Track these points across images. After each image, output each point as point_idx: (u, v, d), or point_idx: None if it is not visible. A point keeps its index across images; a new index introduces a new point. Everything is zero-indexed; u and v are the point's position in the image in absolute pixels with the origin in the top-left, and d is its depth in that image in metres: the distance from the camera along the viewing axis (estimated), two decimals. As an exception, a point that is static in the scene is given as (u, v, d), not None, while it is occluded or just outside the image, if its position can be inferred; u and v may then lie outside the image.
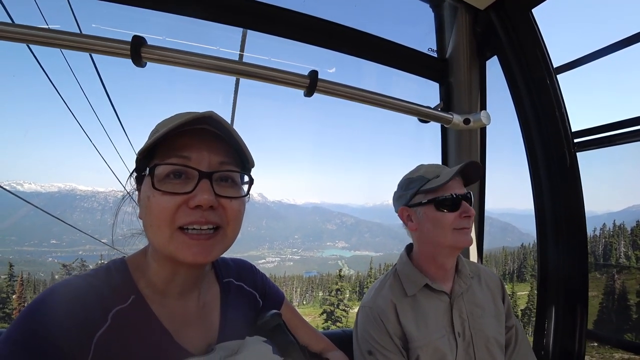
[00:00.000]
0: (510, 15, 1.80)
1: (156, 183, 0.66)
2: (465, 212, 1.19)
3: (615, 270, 48.66)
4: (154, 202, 0.65)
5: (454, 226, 1.19)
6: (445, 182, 1.19)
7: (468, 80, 2.03)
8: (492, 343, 1.21)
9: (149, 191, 0.67)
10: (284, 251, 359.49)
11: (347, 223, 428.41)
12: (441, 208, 1.21)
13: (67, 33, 1.21)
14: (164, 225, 0.65)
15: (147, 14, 1.50)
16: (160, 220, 0.65)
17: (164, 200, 0.65)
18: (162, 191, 0.65)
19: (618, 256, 63.01)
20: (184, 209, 0.65)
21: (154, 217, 0.65)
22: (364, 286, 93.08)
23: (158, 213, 0.65)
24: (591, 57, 1.63)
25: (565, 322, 1.78)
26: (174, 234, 0.65)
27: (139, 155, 0.70)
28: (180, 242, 0.65)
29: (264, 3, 1.71)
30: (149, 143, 0.66)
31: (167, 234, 0.65)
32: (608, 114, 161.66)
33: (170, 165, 0.66)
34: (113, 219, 0.80)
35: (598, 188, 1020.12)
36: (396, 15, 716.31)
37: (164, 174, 0.67)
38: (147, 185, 0.67)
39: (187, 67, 1.39)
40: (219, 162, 0.70)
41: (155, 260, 0.73)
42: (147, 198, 0.67)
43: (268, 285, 1.02)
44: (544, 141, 1.81)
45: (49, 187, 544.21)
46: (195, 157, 0.68)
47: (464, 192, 1.23)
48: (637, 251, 60.04)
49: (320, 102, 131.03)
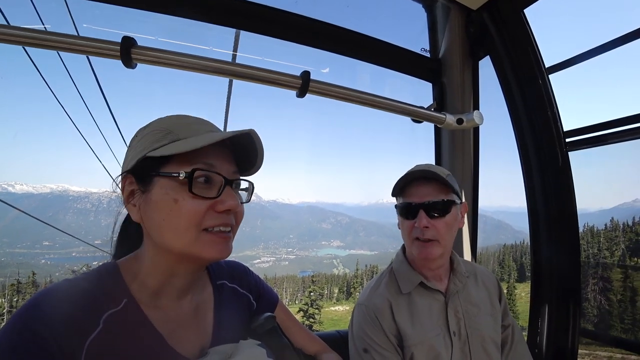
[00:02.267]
0: (503, 15, 1.82)
1: (193, 188, 0.68)
2: (417, 222, 1.16)
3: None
4: (184, 205, 0.67)
5: (413, 235, 1.19)
6: (402, 188, 1.23)
7: (461, 80, 2.04)
8: (488, 342, 1.22)
9: (175, 194, 0.67)
10: (279, 251, 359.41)
11: (342, 222, 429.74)
12: (402, 214, 1.23)
13: (57, 34, 1.20)
14: (192, 227, 0.68)
15: (138, 14, 1.49)
16: (189, 222, 0.67)
17: (196, 204, 0.67)
18: (194, 194, 0.67)
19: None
20: (211, 213, 0.69)
21: (182, 219, 0.67)
22: (351, 286, 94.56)
23: (189, 216, 0.67)
24: (582, 57, 1.66)
25: (558, 320, 1.80)
26: (200, 235, 0.68)
27: (150, 156, 0.69)
28: (207, 242, 0.69)
29: (256, 3, 1.70)
30: (179, 148, 0.67)
31: (193, 235, 0.68)
32: (598, 114, 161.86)
33: (202, 171, 0.69)
34: (112, 222, 0.84)
35: (591, 185, 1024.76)
36: (389, 16, 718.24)
37: (194, 179, 0.69)
38: (171, 188, 0.68)
39: (179, 68, 1.38)
40: (233, 171, 0.75)
41: (153, 263, 0.72)
42: (173, 201, 0.67)
43: (262, 287, 1.01)
44: (537, 141, 1.83)
45: (41, 189, 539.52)
46: (218, 164, 0.71)
47: (426, 200, 1.17)
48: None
49: (315, 101, 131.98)
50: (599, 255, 60.33)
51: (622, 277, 42.37)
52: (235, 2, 1.67)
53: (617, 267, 49.12)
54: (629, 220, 64.42)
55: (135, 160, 0.70)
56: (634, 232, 63.19)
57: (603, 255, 60.20)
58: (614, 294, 41.30)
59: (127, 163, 0.73)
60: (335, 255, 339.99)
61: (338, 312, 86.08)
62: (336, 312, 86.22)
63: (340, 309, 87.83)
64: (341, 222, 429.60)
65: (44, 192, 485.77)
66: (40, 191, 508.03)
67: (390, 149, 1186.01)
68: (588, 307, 40.34)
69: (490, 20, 1.84)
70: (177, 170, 0.67)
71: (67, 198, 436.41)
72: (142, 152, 0.70)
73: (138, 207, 0.71)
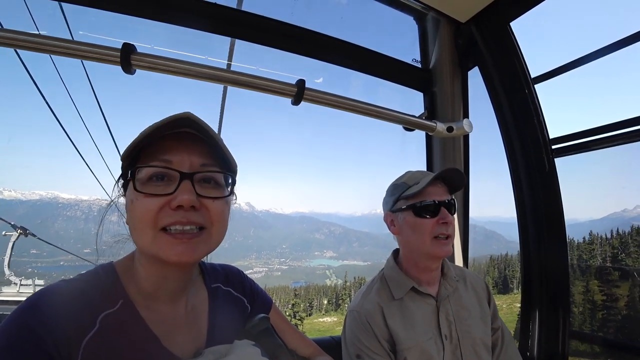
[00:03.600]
0: (490, 28, 1.89)
1: (139, 186, 0.67)
2: (443, 218, 1.20)
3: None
4: (137, 204, 0.66)
5: (433, 234, 1.21)
6: (423, 188, 1.21)
7: (451, 89, 2.10)
8: (479, 344, 1.23)
9: (132, 195, 0.68)
10: (272, 261, 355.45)
11: (336, 232, 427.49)
12: (419, 214, 1.23)
13: (58, 39, 1.21)
14: (147, 226, 0.66)
15: (135, 22, 1.51)
16: (143, 222, 0.66)
17: (147, 202, 0.66)
18: (144, 193, 0.66)
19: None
20: (166, 210, 0.66)
21: (137, 219, 0.67)
22: (339, 297, 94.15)
23: (141, 215, 0.66)
24: (566, 67, 1.72)
25: (549, 323, 1.83)
26: (157, 235, 0.66)
27: (123, 160, 0.70)
28: (163, 242, 0.66)
29: (252, 13, 1.74)
30: (130, 147, 0.68)
31: (150, 235, 0.66)
32: (582, 123, 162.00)
33: (152, 168, 0.68)
34: (98, 227, 0.80)
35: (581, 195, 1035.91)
36: (382, 27, 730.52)
37: (147, 177, 0.68)
38: (130, 189, 0.68)
39: (176, 74, 1.40)
40: (201, 164, 0.71)
41: (142, 265, 0.73)
42: (131, 202, 0.68)
43: (256, 290, 1.02)
44: (524, 147, 1.89)
45: (30, 195, 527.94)
46: (177, 159, 0.69)
47: (445, 199, 1.23)
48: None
49: (308, 111, 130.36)
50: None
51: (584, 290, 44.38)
52: (232, 11, 1.70)
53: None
54: (607, 233, 65.29)
55: (122, 166, 0.73)
56: (610, 244, 64.03)
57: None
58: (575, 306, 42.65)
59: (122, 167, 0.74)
60: (328, 266, 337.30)
61: (326, 323, 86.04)
62: (324, 323, 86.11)
63: (328, 320, 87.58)
64: (334, 233, 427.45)
65: (33, 199, 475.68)
66: (29, 198, 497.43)
67: (383, 159, 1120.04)
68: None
69: (478, 33, 1.91)
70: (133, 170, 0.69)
71: (57, 205, 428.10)
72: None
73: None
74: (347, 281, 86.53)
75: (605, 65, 8.20)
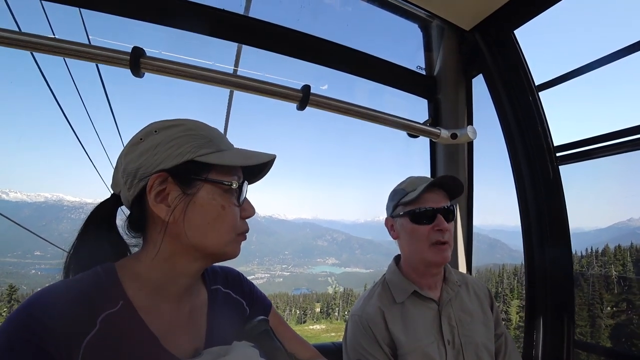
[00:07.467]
0: (494, 36, 1.91)
1: (235, 198, 0.77)
2: (438, 225, 1.20)
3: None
4: (229, 212, 0.76)
5: (430, 240, 1.21)
6: (419, 195, 1.22)
7: (455, 97, 2.11)
8: (482, 350, 1.22)
9: (222, 201, 0.75)
10: (274, 267, 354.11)
11: (338, 239, 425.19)
12: (416, 221, 1.23)
13: (71, 42, 1.24)
14: (232, 231, 0.76)
15: (145, 27, 1.53)
16: (231, 227, 0.76)
17: (236, 211, 0.77)
18: (236, 203, 0.77)
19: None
20: (240, 219, 0.79)
21: (226, 224, 0.75)
22: (329, 306, 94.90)
23: (232, 222, 0.76)
24: (571, 74, 1.73)
25: (553, 333, 1.81)
26: (237, 238, 0.78)
27: (195, 161, 0.73)
28: (238, 243, 0.79)
29: (259, 20, 1.77)
30: (233, 161, 0.76)
31: (232, 237, 0.77)
32: (586, 130, 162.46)
33: (241, 184, 0.79)
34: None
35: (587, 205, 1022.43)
36: (387, 35, 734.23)
37: (229, 189, 0.77)
38: (218, 194, 0.75)
39: (185, 78, 1.42)
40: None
41: (168, 263, 0.74)
42: (220, 207, 0.74)
43: (255, 293, 1.02)
44: (528, 155, 1.89)
45: (35, 197, 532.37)
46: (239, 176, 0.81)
47: (442, 205, 1.23)
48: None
49: (313, 117, 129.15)
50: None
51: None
52: (239, 17, 1.74)
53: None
54: (610, 244, 64.63)
55: (177, 160, 0.71)
56: (605, 257, 63.49)
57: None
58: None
59: (155, 161, 0.72)
60: (330, 273, 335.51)
61: (315, 330, 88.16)
62: (312, 330, 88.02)
63: (317, 327, 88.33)
64: (337, 239, 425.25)
65: (38, 201, 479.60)
66: (35, 200, 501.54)
67: (387, 166, 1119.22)
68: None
69: (482, 41, 1.93)
70: (219, 178, 0.75)
71: (62, 207, 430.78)
72: (185, 154, 0.71)
73: (173, 208, 0.71)
74: (336, 291, 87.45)
75: (610, 72, 8.09)
